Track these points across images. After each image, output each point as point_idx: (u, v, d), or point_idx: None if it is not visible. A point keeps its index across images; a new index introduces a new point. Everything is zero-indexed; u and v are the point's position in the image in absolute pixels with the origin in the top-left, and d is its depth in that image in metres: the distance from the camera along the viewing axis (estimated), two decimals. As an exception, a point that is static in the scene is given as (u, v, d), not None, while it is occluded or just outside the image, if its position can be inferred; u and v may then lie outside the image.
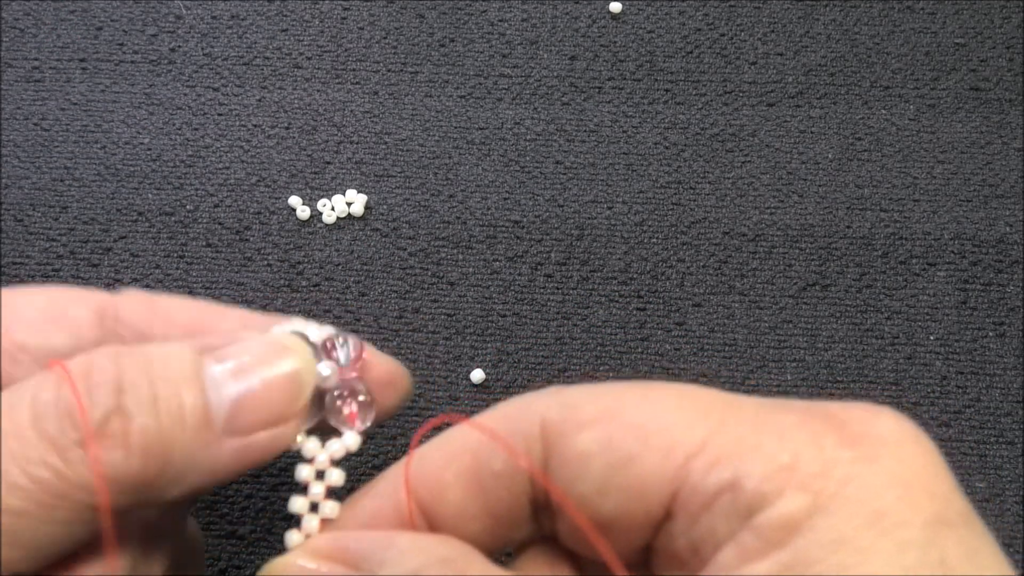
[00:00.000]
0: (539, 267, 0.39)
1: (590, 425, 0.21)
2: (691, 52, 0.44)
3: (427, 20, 0.45)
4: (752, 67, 0.44)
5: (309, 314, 0.38)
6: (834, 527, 0.19)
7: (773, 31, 0.44)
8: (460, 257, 0.39)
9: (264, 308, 0.38)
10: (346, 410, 0.25)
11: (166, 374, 0.22)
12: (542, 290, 0.39)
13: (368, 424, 0.25)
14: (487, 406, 0.36)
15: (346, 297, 0.38)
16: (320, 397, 0.25)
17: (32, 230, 0.40)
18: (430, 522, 0.23)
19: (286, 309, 0.38)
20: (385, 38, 0.44)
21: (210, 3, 0.45)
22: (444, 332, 0.38)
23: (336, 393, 0.25)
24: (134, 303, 0.26)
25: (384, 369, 0.26)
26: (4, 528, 0.20)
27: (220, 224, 0.40)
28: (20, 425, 0.21)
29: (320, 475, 0.25)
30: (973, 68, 0.43)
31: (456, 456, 0.23)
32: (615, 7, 0.45)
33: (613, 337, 0.38)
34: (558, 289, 0.39)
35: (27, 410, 0.21)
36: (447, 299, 0.38)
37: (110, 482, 0.21)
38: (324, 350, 0.25)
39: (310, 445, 0.25)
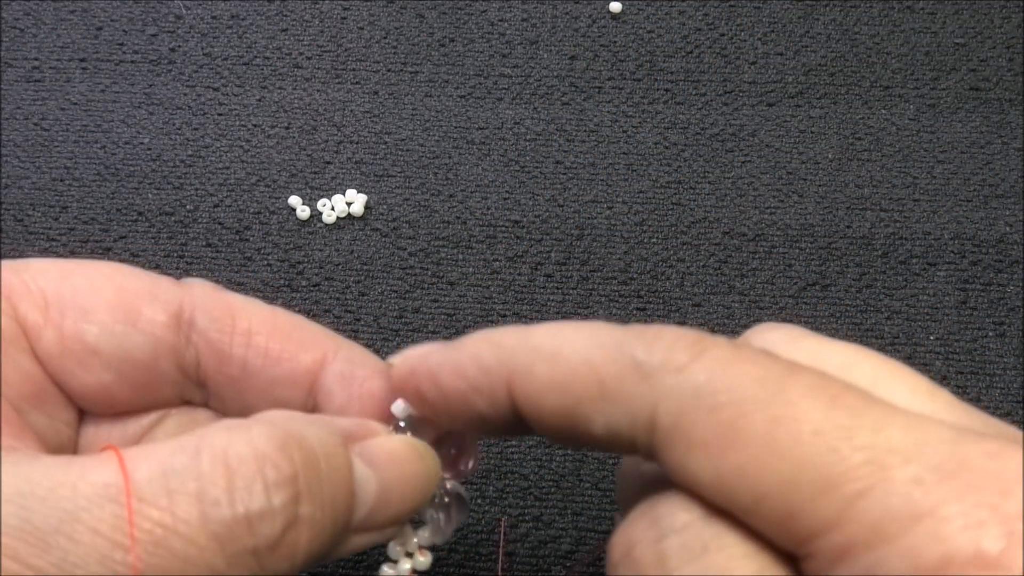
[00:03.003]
0: (539, 267, 0.39)
1: (702, 448, 0.17)
2: (691, 52, 0.44)
3: (427, 20, 0.45)
4: (752, 67, 0.44)
5: (309, 314, 0.38)
6: None
7: (773, 31, 0.44)
8: (460, 257, 0.39)
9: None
10: (446, 514, 0.25)
11: (331, 477, 0.21)
12: (542, 290, 0.39)
13: (457, 524, 0.26)
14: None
15: (346, 297, 0.38)
16: None
17: (32, 230, 0.40)
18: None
19: (286, 309, 0.38)
20: (385, 38, 0.44)
21: (210, 3, 0.45)
22: (444, 332, 0.38)
23: (439, 492, 0.25)
24: (210, 307, 0.25)
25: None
26: None
27: (220, 224, 0.40)
28: (189, 523, 0.19)
29: (408, 554, 0.26)
30: (973, 68, 0.43)
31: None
32: (615, 7, 0.45)
33: (613, 337, 0.38)
34: (558, 289, 0.39)
35: (195, 505, 0.19)
36: (447, 299, 0.38)
37: None
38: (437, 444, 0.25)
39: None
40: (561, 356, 0.19)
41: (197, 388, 0.26)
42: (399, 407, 0.25)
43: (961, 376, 0.37)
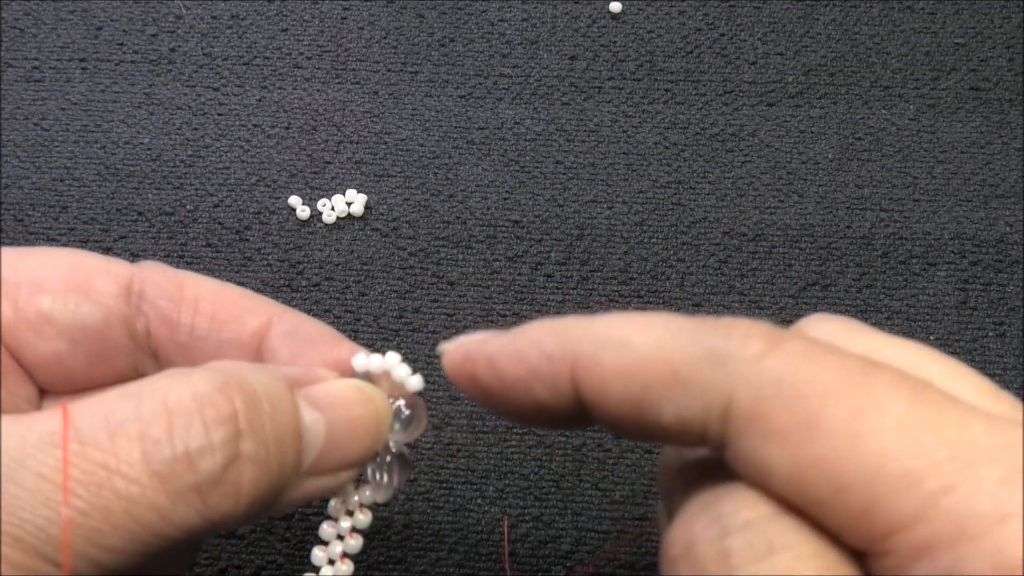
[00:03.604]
0: (539, 267, 0.39)
1: (781, 437, 0.17)
2: (691, 52, 0.44)
3: (427, 20, 0.45)
4: (752, 67, 0.44)
5: (309, 314, 0.38)
6: None
7: (773, 31, 0.44)
8: (460, 257, 0.39)
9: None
10: (388, 473, 0.26)
11: (275, 418, 0.21)
12: (542, 290, 0.39)
13: (399, 483, 0.26)
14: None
15: (346, 297, 0.38)
16: None
17: (32, 230, 0.40)
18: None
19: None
20: (385, 38, 0.44)
21: (210, 3, 0.45)
22: (444, 332, 0.38)
23: (382, 451, 0.25)
24: (159, 280, 0.26)
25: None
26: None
27: (220, 224, 0.40)
28: (131, 463, 0.19)
29: (349, 512, 0.26)
30: (973, 68, 0.43)
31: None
32: (615, 7, 0.45)
33: (613, 337, 0.38)
34: (558, 289, 0.39)
35: (136, 446, 0.19)
36: (447, 299, 0.38)
37: (210, 524, 0.20)
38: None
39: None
40: (631, 343, 0.19)
41: (150, 359, 0.27)
42: (359, 361, 0.25)
43: (961, 376, 0.37)
